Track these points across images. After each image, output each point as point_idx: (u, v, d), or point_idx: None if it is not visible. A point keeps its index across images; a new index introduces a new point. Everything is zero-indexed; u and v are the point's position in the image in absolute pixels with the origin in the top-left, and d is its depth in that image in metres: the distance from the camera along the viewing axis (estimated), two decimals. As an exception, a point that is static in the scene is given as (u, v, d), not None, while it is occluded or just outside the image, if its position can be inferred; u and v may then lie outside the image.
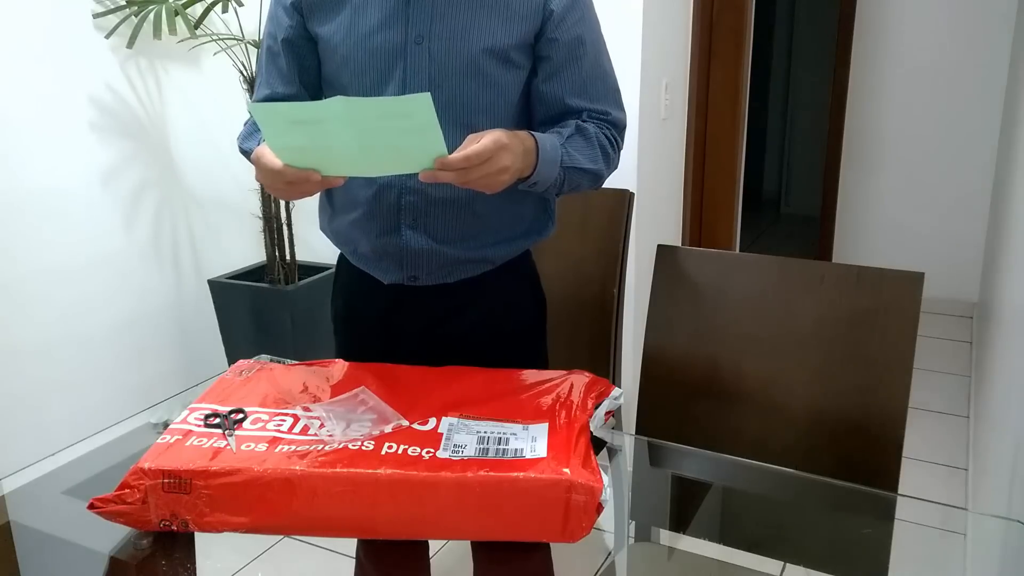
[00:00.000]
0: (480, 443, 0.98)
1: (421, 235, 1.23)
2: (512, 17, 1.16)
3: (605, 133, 1.25)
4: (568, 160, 1.18)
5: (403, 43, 1.16)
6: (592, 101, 1.24)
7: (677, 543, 1.42)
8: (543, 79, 1.22)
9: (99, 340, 2.62)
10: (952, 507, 1.31)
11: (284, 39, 1.23)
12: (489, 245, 1.26)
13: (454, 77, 1.17)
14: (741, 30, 3.40)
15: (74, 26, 2.43)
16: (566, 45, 1.20)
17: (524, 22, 1.17)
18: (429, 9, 1.15)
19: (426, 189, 1.20)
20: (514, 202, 1.26)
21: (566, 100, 1.22)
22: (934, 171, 4.06)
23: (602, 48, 1.27)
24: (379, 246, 1.26)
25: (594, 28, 1.25)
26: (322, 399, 1.09)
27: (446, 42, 1.16)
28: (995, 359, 2.43)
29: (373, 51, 1.17)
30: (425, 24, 1.15)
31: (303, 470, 0.92)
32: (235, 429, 1.01)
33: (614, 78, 1.29)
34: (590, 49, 1.23)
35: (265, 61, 1.29)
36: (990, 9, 3.77)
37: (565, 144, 1.18)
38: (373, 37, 1.16)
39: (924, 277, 1.27)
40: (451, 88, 1.17)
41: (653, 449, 1.34)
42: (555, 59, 1.21)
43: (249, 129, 1.29)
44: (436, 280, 1.27)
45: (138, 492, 0.92)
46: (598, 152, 1.22)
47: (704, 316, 1.44)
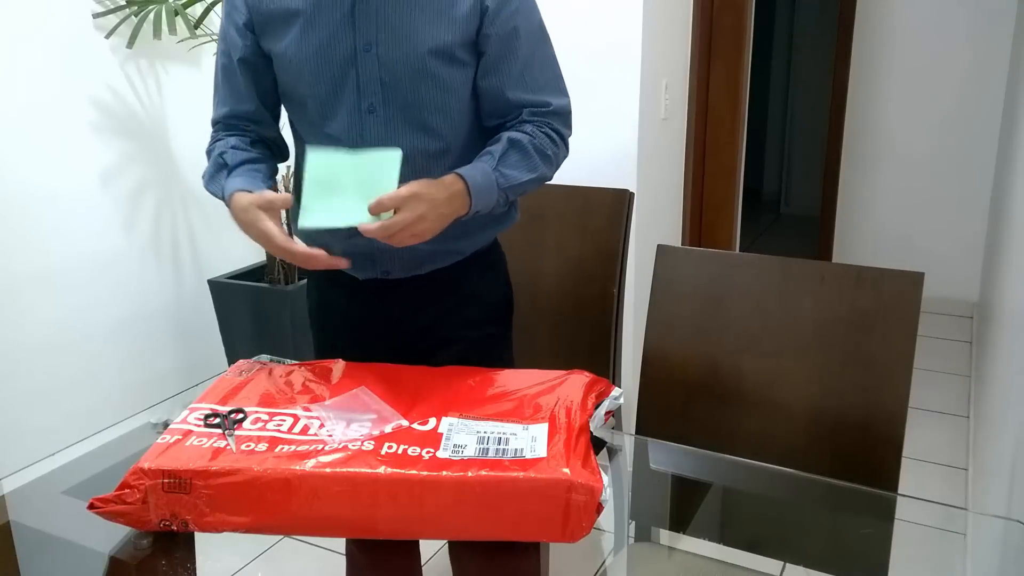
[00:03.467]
0: (480, 443, 0.98)
1: None
2: (453, 17, 1.20)
3: (544, 131, 1.27)
4: (504, 181, 1.22)
5: (352, 51, 1.19)
6: (531, 92, 1.26)
7: (677, 543, 1.43)
8: (482, 75, 1.25)
9: (99, 340, 2.62)
10: (952, 507, 1.31)
11: (240, 59, 1.27)
12: (457, 238, 1.29)
13: (404, 80, 1.20)
14: (741, 30, 3.40)
15: (74, 26, 2.43)
16: (501, 39, 1.22)
17: (464, 21, 1.20)
18: (374, 17, 1.18)
19: None
20: None
21: (506, 93, 1.25)
22: (934, 171, 4.06)
23: (540, 36, 1.29)
24: (350, 246, 1.27)
25: (531, 17, 1.26)
26: (322, 399, 1.09)
27: (393, 47, 1.19)
28: (995, 359, 2.43)
29: (325, 61, 1.20)
30: (372, 31, 1.18)
31: (303, 470, 0.92)
32: (235, 429, 1.01)
33: (554, 65, 1.31)
34: (525, 39, 1.25)
35: (222, 80, 1.32)
36: (990, 9, 3.77)
37: (498, 166, 1.21)
38: (324, 48, 1.20)
39: (924, 277, 1.27)
40: (403, 91, 1.21)
41: (653, 449, 1.34)
42: (491, 54, 1.23)
43: (214, 167, 1.30)
44: (409, 273, 1.31)
45: (138, 492, 0.92)
46: (536, 159, 1.25)
47: (704, 316, 1.44)
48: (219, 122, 1.33)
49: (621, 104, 2.38)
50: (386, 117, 1.22)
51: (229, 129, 1.33)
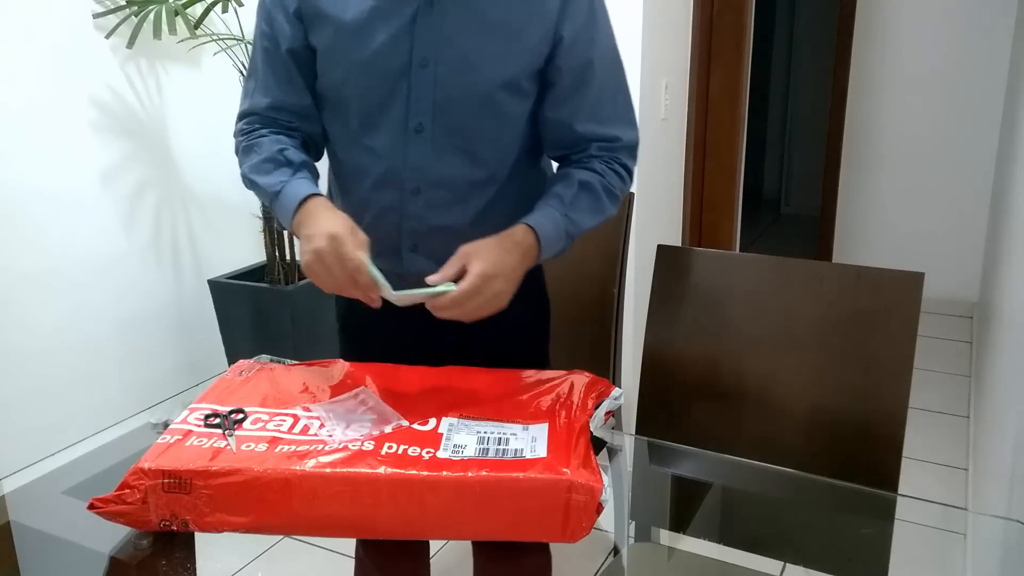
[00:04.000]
0: (480, 443, 0.98)
1: (422, 258, 1.21)
2: (524, 46, 1.11)
3: (614, 168, 1.21)
4: (574, 228, 1.16)
5: (407, 64, 1.11)
6: (602, 125, 1.19)
7: (677, 543, 1.42)
8: (550, 106, 1.18)
9: (99, 340, 2.62)
10: (952, 507, 1.31)
11: (289, 49, 1.16)
12: None
13: (460, 104, 1.12)
14: (741, 30, 3.40)
15: (74, 26, 2.43)
16: (575, 71, 1.15)
17: (534, 50, 1.12)
18: (437, 32, 1.10)
19: (426, 215, 1.19)
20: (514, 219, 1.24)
21: (575, 127, 1.18)
22: (934, 171, 4.06)
23: (614, 65, 1.21)
24: (380, 264, 1.26)
25: (605, 46, 1.19)
26: (322, 399, 1.09)
27: (453, 68, 1.11)
28: (995, 359, 2.43)
29: (377, 72, 1.12)
30: (431, 47, 1.10)
31: (303, 470, 0.92)
32: (235, 429, 1.01)
33: (626, 93, 1.23)
34: (599, 71, 1.17)
35: (264, 67, 1.20)
36: (990, 9, 3.77)
37: (568, 212, 1.15)
38: (377, 58, 1.11)
39: (924, 277, 1.27)
40: (456, 115, 1.13)
41: (653, 449, 1.34)
42: (563, 86, 1.16)
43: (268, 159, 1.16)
44: None
45: (138, 492, 0.92)
46: (604, 201, 1.19)
47: (704, 316, 1.44)
48: (256, 113, 1.21)
49: (621, 104, 2.38)
50: (433, 139, 1.14)
51: (269, 124, 1.21)
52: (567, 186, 1.17)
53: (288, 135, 1.21)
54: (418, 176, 1.16)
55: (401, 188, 1.17)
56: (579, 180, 1.18)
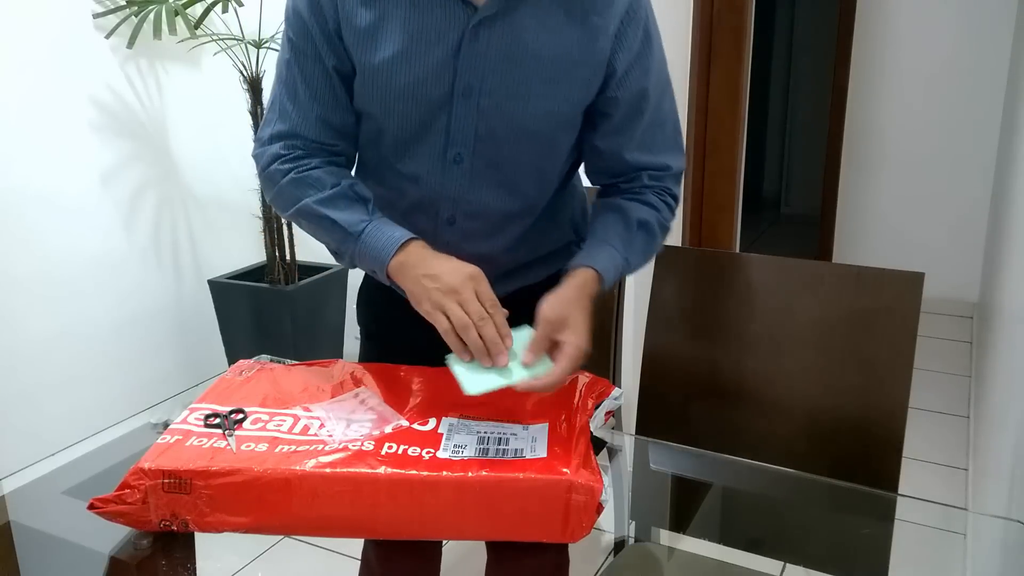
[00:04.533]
0: (480, 443, 0.98)
1: None
2: (574, 79, 1.07)
3: (666, 201, 1.19)
4: (628, 269, 1.15)
5: (448, 94, 1.06)
6: (653, 154, 1.16)
7: (677, 543, 1.42)
8: (601, 135, 1.15)
9: (99, 340, 2.62)
10: (952, 507, 1.31)
11: (335, 67, 1.10)
12: (524, 275, 1.24)
13: (502, 137, 1.09)
14: (741, 30, 3.40)
15: (74, 26, 2.43)
16: (627, 102, 1.11)
17: (586, 84, 1.08)
18: (482, 62, 1.05)
19: (460, 243, 1.16)
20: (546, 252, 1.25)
21: (626, 156, 1.15)
22: (934, 171, 4.06)
23: (666, 92, 1.17)
24: None
25: (659, 74, 1.14)
26: (322, 399, 1.09)
27: (498, 100, 1.06)
28: (995, 359, 2.43)
29: (416, 99, 1.07)
30: (476, 77, 1.05)
31: (303, 470, 0.92)
32: (235, 429, 1.01)
33: (676, 119, 1.20)
34: (653, 99, 1.14)
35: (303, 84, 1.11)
36: (990, 9, 3.77)
37: (628, 255, 1.13)
38: (418, 87, 1.06)
39: (924, 277, 1.27)
40: (497, 148, 1.10)
41: (653, 449, 1.34)
42: (615, 117, 1.13)
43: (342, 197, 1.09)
44: None
45: (138, 492, 0.92)
46: (657, 240, 1.18)
47: (704, 316, 1.44)
48: (298, 136, 1.12)
49: (621, 104, 2.37)
50: (472, 170, 1.11)
51: (313, 151, 1.12)
52: (628, 226, 1.14)
53: (339, 164, 1.15)
54: (453, 206, 1.14)
55: (436, 217, 1.15)
56: (638, 219, 1.14)
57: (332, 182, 1.11)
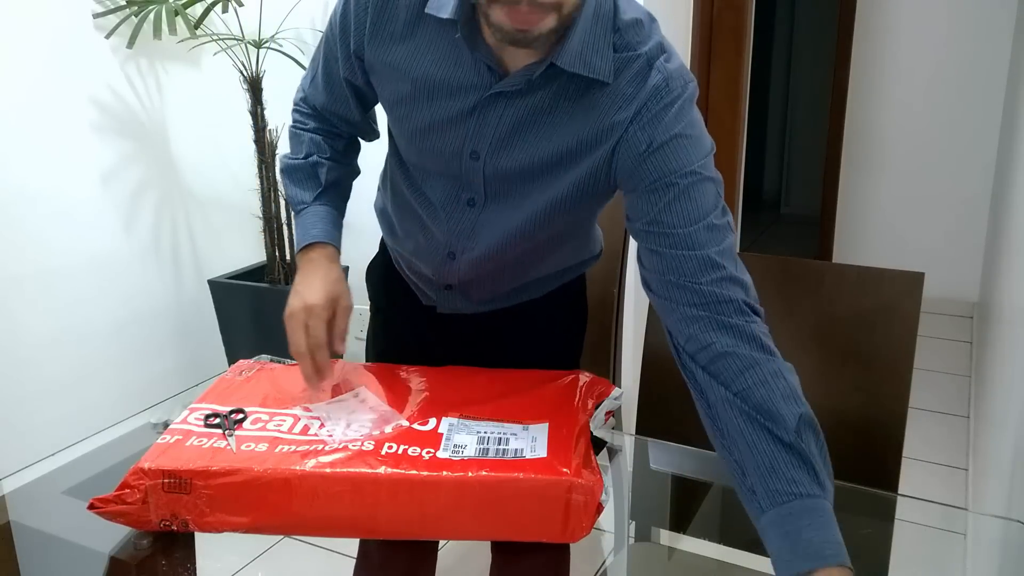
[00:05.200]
0: (480, 443, 0.98)
1: (457, 295, 1.21)
2: (581, 169, 1.01)
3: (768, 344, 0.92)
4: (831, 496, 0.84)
5: (459, 150, 1.05)
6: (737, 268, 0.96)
7: (677, 543, 1.42)
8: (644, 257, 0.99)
9: (99, 340, 2.62)
10: (952, 507, 1.31)
11: (346, 78, 1.13)
12: (531, 293, 1.24)
13: (510, 199, 1.06)
14: (741, 30, 3.40)
15: (74, 26, 2.43)
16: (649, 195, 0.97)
17: (593, 176, 1.01)
18: (491, 131, 1.01)
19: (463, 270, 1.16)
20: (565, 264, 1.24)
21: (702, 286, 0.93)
22: (934, 171, 4.06)
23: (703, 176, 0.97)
24: (416, 280, 1.25)
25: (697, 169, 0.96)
26: (322, 399, 1.09)
27: (504, 173, 1.04)
28: (995, 359, 2.43)
29: (432, 143, 1.07)
30: (483, 143, 1.02)
31: (303, 470, 0.92)
32: (235, 429, 1.01)
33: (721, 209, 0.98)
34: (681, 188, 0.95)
35: (322, 74, 1.16)
36: (990, 8, 3.77)
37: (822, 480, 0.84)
38: (432, 131, 1.05)
39: (924, 277, 1.27)
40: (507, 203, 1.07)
41: (653, 449, 1.34)
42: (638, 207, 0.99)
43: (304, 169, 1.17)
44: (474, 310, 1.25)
45: (138, 492, 0.92)
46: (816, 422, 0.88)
47: (704, 316, 1.43)
48: (314, 106, 1.21)
49: (621, 104, 2.37)
50: (482, 217, 1.10)
51: (320, 119, 1.21)
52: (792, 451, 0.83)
53: (336, 137, 1.21)
54: (456, 244, 1.14)
55: (439, 246, 1.15)
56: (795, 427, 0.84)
57: (307, 151, 1.19)
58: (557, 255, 1.21)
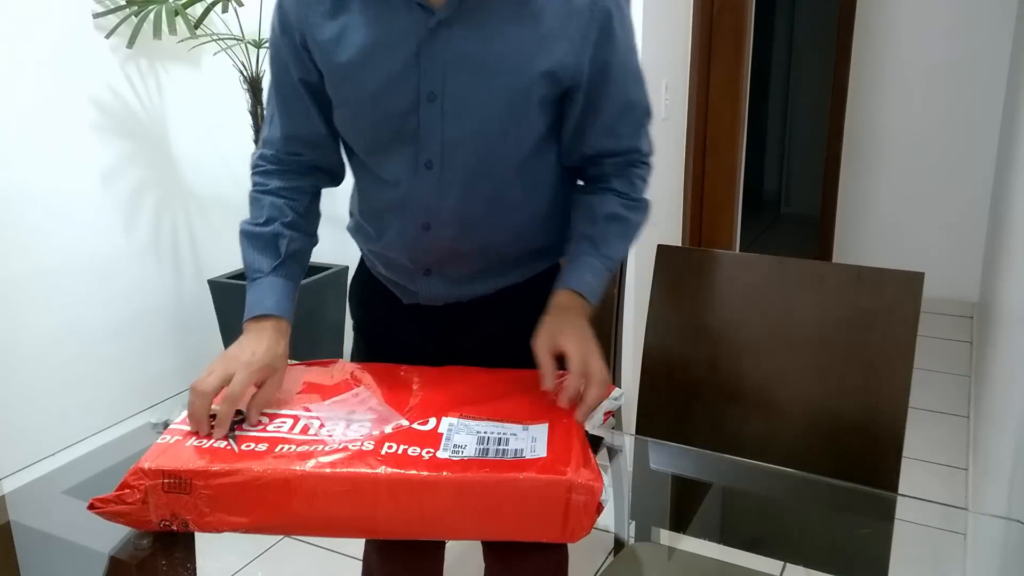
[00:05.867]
0: (480, 443, 0.98)
1: (436, 281, 1.22)
2: (530, 77, 1.06)
3: (633, 182, 1.20)
4: (612, 263, 1.17)
5: (414, 100, 1.07)
6: (619, 141, 1.16)
7: (677, 543, 1.42)
8: (565, 127, 1.15)
9: (99, 340, 2.62)
10: (952, 507, 1.31)
11: (301, 79, 1.15)
12: (510, 277, 1.25)
13: (469, 141, 1.09)
14: (741, 30, 3.40)
15: (74, 26, 2.43)
16: (588, 94, 1.10)
17: (544, 80, 1.06)
18: (441, 64, 1.05)
19: (436, 246, 1.17)
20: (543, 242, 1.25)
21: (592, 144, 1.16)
22: (934, 171, 4.06)
23: (632, 79, 1.14)
24: (395, 277, 1.25)
25: (623, 63, 1.11)
26: (322, 399, 1.09)
27: (460, 104, 1.06)
28: (995, 359, 2.43)
29: (384, 107, 1.08)
30: (437, 81, 1.05)
31: (303, 470, 0.92)
32: (235, 430, 1.01)
33: (644, 106, 1.18)
34: (616, 90, 1.12)
35: (276, 96, 1.20)
36: (990, 8, 3.77)
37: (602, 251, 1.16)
38: (384, 93, 1.07)
39: (924, 277, 1.27)
40: (466, 152, 1.10)
41: (653, 449, 1.34)
42: (576, 109, 1.12)
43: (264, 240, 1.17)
44: (450, 302, 1.25)
45: (138, 492, 0.91)
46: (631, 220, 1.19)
47: (704, 316, 1.44)
48: (271, 149, 1.21)
49: (621, 104, 2.38)
50: (442, 176, 1.11)
51: (281, 164, 1.21)
52: (595, 223, 1.17)
53: (297, 190, 1.20)
54: (428, 213, 1.14)
55: (412, 221, 1.16)
56: (605, 214, 1.17)
57: (268, 216, 1.18)
58: (527, 228, 1.20)
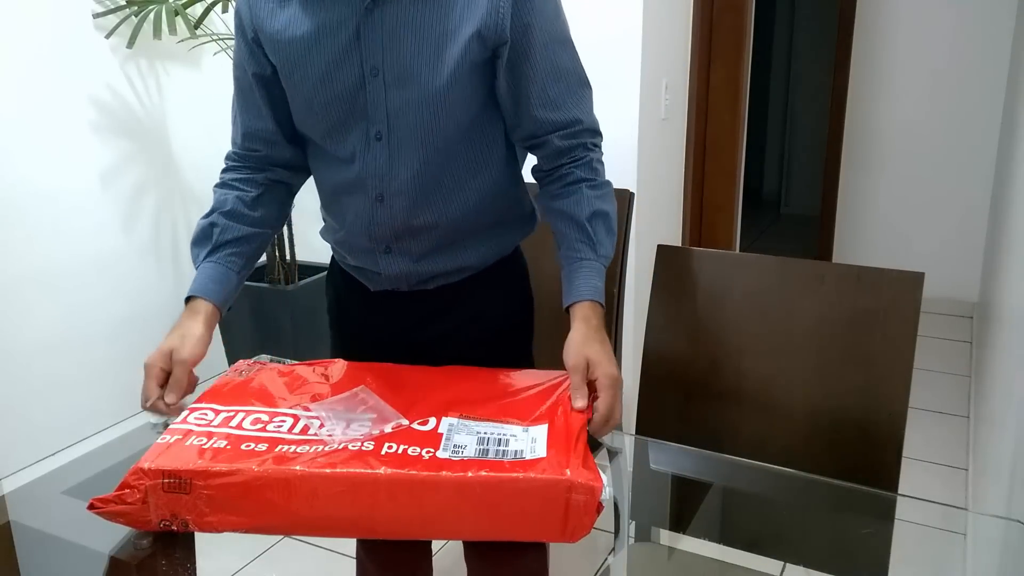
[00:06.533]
0: (480, 444, 0.98)
1: (397, 258, 1.23)
2: (457, 46, 1.10)
3: (588, 161, 1.20)
4: (608, 259, 1.19)
5: (360, 76, 1.12)
6: (559, 110, 1.17)
7: (677, 543, 1.42)
8: (500, 97, 1.18)
9: (99, 340, 2.62)
10: (952, 507, 1.31)
11: (254, 73, 1.20)
12: (469, 254, 1.25)
13: (411, 111, 1.13)
14: (741, 30, 3.40)
15: (74, 26, 2.43)
16: (513, 60, 1.13)
17: (469, 49, 1.10)
18: (379, 40, 1.10)
19: (393, 220, 1.19)
20: (494, 218, 1.26)
21: (532, 112, 1.16)
22: (934, 171, 4.06)
23: (560, 46, 1.16)
24: (360, 263, 1.27)
25: (546, 29, 1.14)
26: (322, 399, 1.09)
27: (396, 75, 1.11)
28: (995, 359, 2.43)
29: (333, 86, 1.13)
30: (378, 56, 1.11)
31: (303, 470, 0.92)
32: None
33: (581, 76, 1.20)
34: (543, 47, 1.13)
35: (236, 97, 1.26)
36: (990, 9, 3.77)
37: (600, 253, 1.18)
38: (331, 73, 1.13)
39: (924, 277, 1.27)
40: (410, 122, 1.14)
41: (653, 449, 1.34)
42: (506, 76, 1.14)
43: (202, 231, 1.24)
44: (417, 288, 1.27)
45: (138, 492, 0.92)
46: (610, 215, 1.20)
47: (704, 316, 1.44)
48: (236, 147, 1.29)
49: (621, 104, 2.38)
50: (390, 146, 1.15)
51: (241, 160, 1.29)
52: (582, 229, 1.17)
53: (249, 181, 1.27)
54: (381, 184, 1.17)
55: (366, 195, 1.19)
56: (587, 215, 1.18)
57: (211, 209, 1.26)
58: (478, 201, 1.22)
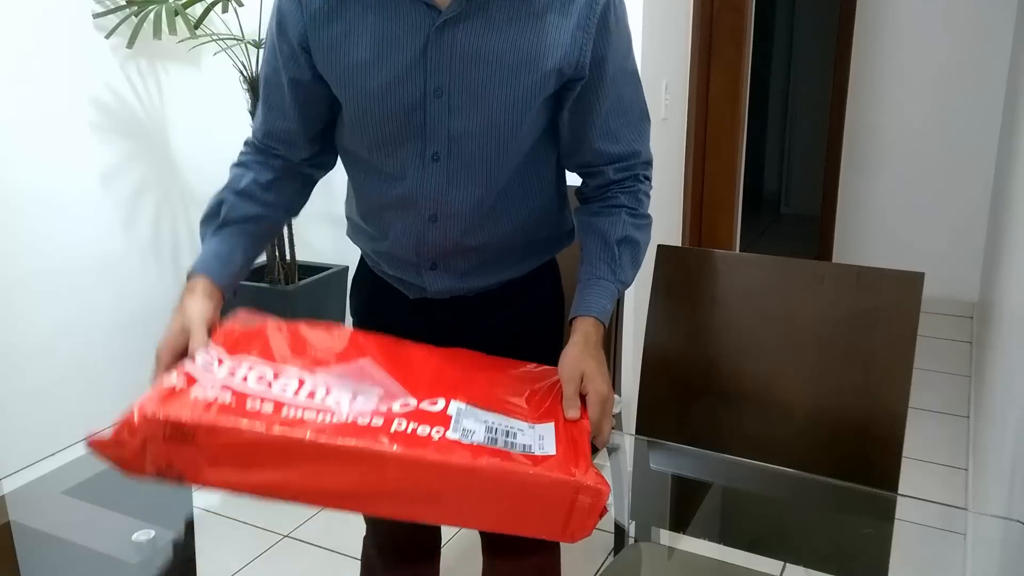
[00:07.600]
0: (489, 432, 0.97)
1: (443, 275, 1.22)
2: (534, 73, 1.08)
3: (639, 197, 1.22)
4: (625, 285, 1.19)
5: (421, 96, 1.09)
6: (619, 143, 1.19)
7: (677, 543, 1.42)
8: (565, 125, 1.18)
9: (99, 340, 2.62)
10: (952, 507, 1.31)
11: (291, 78, 1.17)
12: (512, 270, 1.26)
13: (475, 135, 1.11)
14: (741, 30, 3.40)
15: (74, 26, 2.43)
16: (587, 84, 1.13)
17: (547, 77, 1.09)
18: (447, 62, 1.07)
19: (444, 239, 1.18)
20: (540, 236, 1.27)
21: (591, 143, 1.18)
22: (934, 171, 4.06)
23: (627, 80, 1.17)
24: (400, 274, 1.26)
25: (620, 59, 1.15)
26: (327, 362, 1.07)
27: (466, 99, 1.09)
28: (995, 359, 2.43)
29: (391, 103, 1.11)
30: (443, 77, 1.08)
31: (313, 439, 0.89)
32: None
33: (642, 107, 1.22)
34: (613, 83, 1.14)
35: (264, 93, 1.23)
36: (990, 8, 3.77)
37: (618, 277, 1.18)
38: (392, 89, 1.10)
39: (924, 277, 1.27)
40: (472, 145, 1.12)
41: (653, 449, 1.34)
42: (577, 105, 1.15)
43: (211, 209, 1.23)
44: (453, 295, 1.26)
45: (137, 438, 0.89)
46: (641, 245, 1.21)
47: (704, 316, 1.44)
48: (256, 138, 1.26)
49: (621, 104, 2.38)
50: (449, 168, 1.13)
51: (260, 152, 1.26)
52: (609, 249, 1.18)
53: (265, 168, 1.25)
54: (435, 205, 1.16)
55: (418, 214, 1.17)
56: (617, 239, 1.18)
57: (223, 187, 1.24)
58: (529, 222, 1.22)
